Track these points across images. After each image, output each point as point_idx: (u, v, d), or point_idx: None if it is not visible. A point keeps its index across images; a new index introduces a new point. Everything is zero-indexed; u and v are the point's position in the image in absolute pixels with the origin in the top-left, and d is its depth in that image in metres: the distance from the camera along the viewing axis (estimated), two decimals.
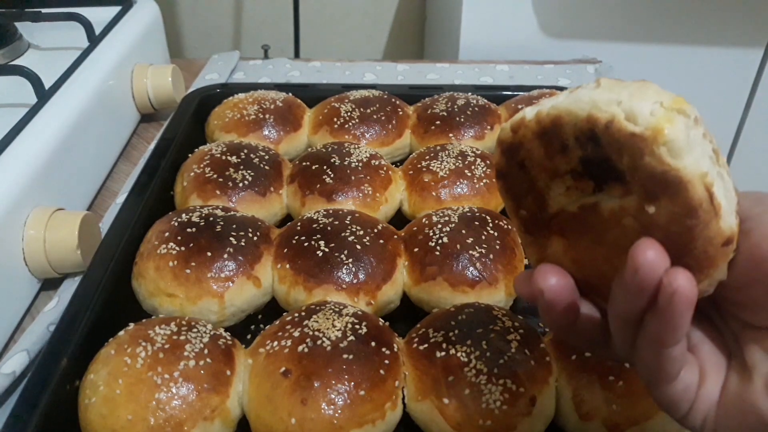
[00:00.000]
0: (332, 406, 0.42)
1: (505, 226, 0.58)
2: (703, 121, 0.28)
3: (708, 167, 0.27)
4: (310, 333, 0.46)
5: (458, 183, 0.64)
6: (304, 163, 0.66)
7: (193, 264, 0.52)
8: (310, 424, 0.42)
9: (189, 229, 0.54)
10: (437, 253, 0.54)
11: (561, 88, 0.80)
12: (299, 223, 0.57)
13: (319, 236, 0.55)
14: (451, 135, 0.72)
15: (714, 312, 0.32)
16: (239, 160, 0.64)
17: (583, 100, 0.28)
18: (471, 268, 0.53)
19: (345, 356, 0.44)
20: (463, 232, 0.55)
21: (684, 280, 0.26)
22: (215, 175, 0.63)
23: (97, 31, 0.79)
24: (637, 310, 0.28)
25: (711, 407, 0.31)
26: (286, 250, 0.55)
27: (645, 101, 0.27)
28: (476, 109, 0.75)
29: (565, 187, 0.30)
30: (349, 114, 0.73)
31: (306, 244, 0.54)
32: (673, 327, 0.27)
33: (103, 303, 0.50)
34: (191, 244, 0.53)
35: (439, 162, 0.65)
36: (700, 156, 0.27)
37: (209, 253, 0.53)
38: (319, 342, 0.45)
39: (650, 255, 0.26)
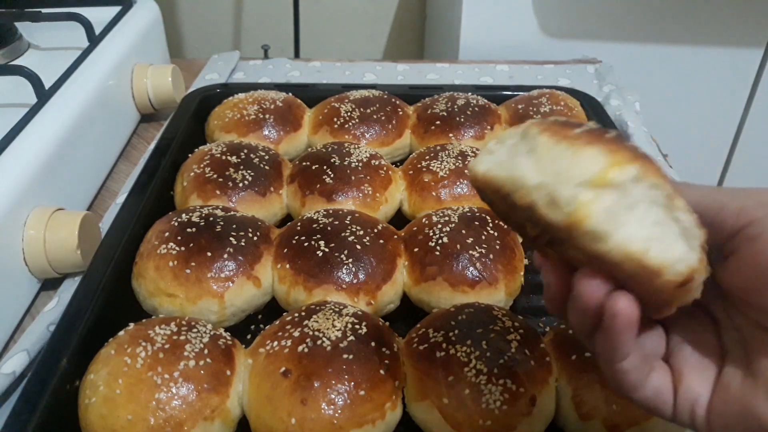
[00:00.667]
0: (332, 406, 0.42)
1: (505, 226, 0.58)
2: (650, 169, 0.27)
3: (645, 233, 0.27)
4: (310, 333, 0.46)
5: (458, 183, 0.64)
6: (304, 163, 0.66)
7: (193, 264, 0.52)
8: (310, 424, 0.42)
9: (189, 229, 0.54)
10: (437, 253, 0.54)
11: (561, 88, 0.80)
12: (299, 223, 0.57)
13: (319, 236, 0.55)
14: (451, 135, 0.72)
15: (720, 307, 0.32)
16: (239, 160, 0.64)
17: (515, 172, 0.28)
18: (471, 268, 0.53)
19: (345, 356, 0.44)
20: (463, 232, 0.55)
21: (624, 304, 0.28)
22: (215, 175, 0.63)
23: (97, 31, 0.79)
24: (588, 327, 0.30)
25: (696, 403, 0.31)
26: (286, 250, 0.55)
27: (568, 183, 0.27)
28: (476, 109, 0.75)
29: (531, 225, 0.30)
30: (349, 114, 0.73)
31: (306, 244, 0.54)
32: (617, 345, 0.29)
33: (103, 303, 0.50)
34: (191, 244, 0.53)
35: (439, 162, 0.65)
36: (636, 224, 0.27)
37: (209, 253, 0.53)
38: (319, 342, 0.45)
39: (589, 284, 0.28)
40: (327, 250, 0.54)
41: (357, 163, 0.64)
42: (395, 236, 0.58)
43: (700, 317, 0.33)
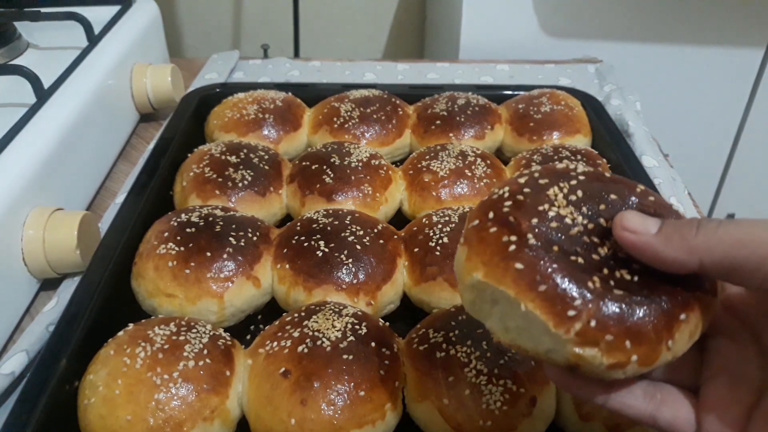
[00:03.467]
0: (332, 407, 0.42)
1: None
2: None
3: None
4: (310, 333, 0.46)
5: (458, 183, 0.63)
6: (303, 163, 0.66)
7: (192, 264, 0.52)
8: (310, 424, 0.42)
9: (188, 229, 0.54)
10: (437, 253, 0.54)
11: (561, 88, 0.80)
12: (299, 223, 0.57)
13: (318, 236, 0.55)
14: (451, 135, 0.72)
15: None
16: (239, 160, 0.64)
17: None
18: None
19: (345, 357, 0.44)
20: None
21: (548, 373, 0.33)
22: (215, 175, 0.62)
23: (97, 31, 0.79)
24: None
25: (727, 426, 0.30)
26: (285, 251, 0.55)
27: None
28: (476, 108, 0.75)
29: None
30: (349, 114, 0.73)
31: (306, 244, 0.54)
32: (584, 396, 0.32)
33: (103, 303, 0.50)
34: (191, 244, 0.53)
35: (439, 162, 0.65)
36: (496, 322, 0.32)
37: (209, 254, 0.53)
38: (318, 342, 0.45)
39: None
40: (327, 250, 0.54)
41: (357, 163, 0.64)
42: (395, 236, 0.58)
43: (748, 346, 0.32)
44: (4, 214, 0.54)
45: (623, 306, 0.29)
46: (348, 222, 0.56)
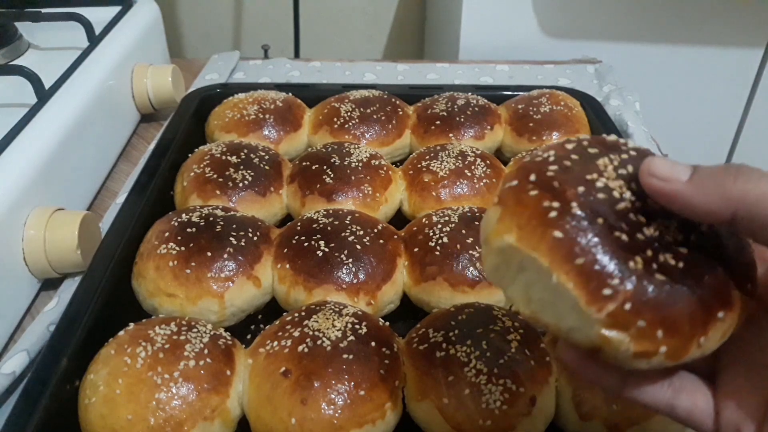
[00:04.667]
0: (332, 406, 0.42)
1: None
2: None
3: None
4: (310, 333, 0.46)
5: (458, 183, 0.64)
6: (304, 163, 0.66)
7: (193, 264, 0.52)
8: (310, 424, 0.42)
9: (189, 229, 0.54)
10: (437, 253, 0.54)
11: (561, 88, 0.80)
12: (299, 223, 0.57)
13: (319, 236, 0.55)
14: (451, 135, 0.72)
15: None
16: (239, 160, 0.64)
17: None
18: (471, 268, 0.53)
19: (345, 356, 0.44)
20: (463, 232, 0.55)
21: (560, 352, 0.31)
22: (215, 175, 0.63)
23: (97, 31, 0.79)
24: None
25: (741, 428, 0.29)
26: (286, 250, 0.55)
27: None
28: (476, 109, 0.75)
29: None
30: (349, 114, 0.73)
31: (306, 244, 0.54)
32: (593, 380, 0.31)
33: (103, 303, 0.50)
34: (191, 244, 0.53)
35: (439, 162, 0.65)
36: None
37: (209, 253, 0.53)
38: (319, 342, 0.45)
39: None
40: (327, 250, 0.54)
41: (357, 163, 0.64)
42: (395, 236, 0.58)
43: (766, 333, 0.30)
44: (5, 214, 0.54)
45: (662, 293, 0.27)
46: (348, 222, 0.56)
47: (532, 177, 0.29)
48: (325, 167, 0.64)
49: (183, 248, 0.53)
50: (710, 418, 0.30)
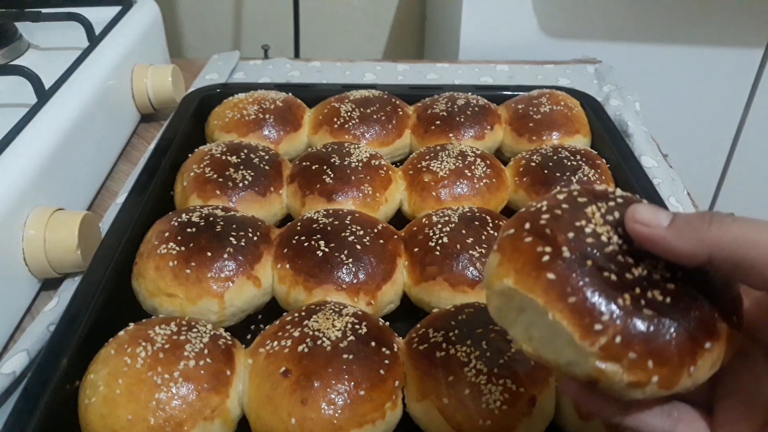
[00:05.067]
0: (332, 406, 0.42)
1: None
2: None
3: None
4: (310, 333, 0.46)
5: (458, 183, 0.64)
6: (304, 163, 0.66)
7: (193, 264, 0.52)
8: (310, 424, 0.42)
9: (189, 229, 0.54)
10: (437, 253, 0.54)
11: (561, 88, 0.80)
12: (299, 223, 0.57)
13: (319, 236, 0.55)
14: (451, 135, 0.72)
15: None
16: (239, 160, 0.64)
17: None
18: (471, 268, 0.53)
19: (345, 356, 0.44)
20: (463, 232, 0.55)
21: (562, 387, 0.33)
22: (215, 175, 0.63)
23: (97, 31, 0.79)
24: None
25: None
26: (286, 250, 0.55)
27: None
28: (476, 109, 0.75)
29: None
30: (349, 114, 0.73)
31: (306, 244, 0.54)
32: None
33: (103, 303, 0.50)
34: (191, 244, 0.53)
35: (439, 162, 0.65)
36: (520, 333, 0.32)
37: (209, 253, 0.53)
38: (319, 342, 0.45)
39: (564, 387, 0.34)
40: (327, 250, 0.54)
41: (357, 163, 0.64)
42: (395, 236, 0.58)
43: (759, 364, 0.32)
44: (5, 214, 0.54)
45: (650, 326, 0.29)
46: (348, 222, 0.56)
47: (527, 225, 0.32)
48: (325, 167, 0.64)
49: (183, 248, 0.53)
50: None
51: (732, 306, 0.32)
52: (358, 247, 0.54)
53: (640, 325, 0.29)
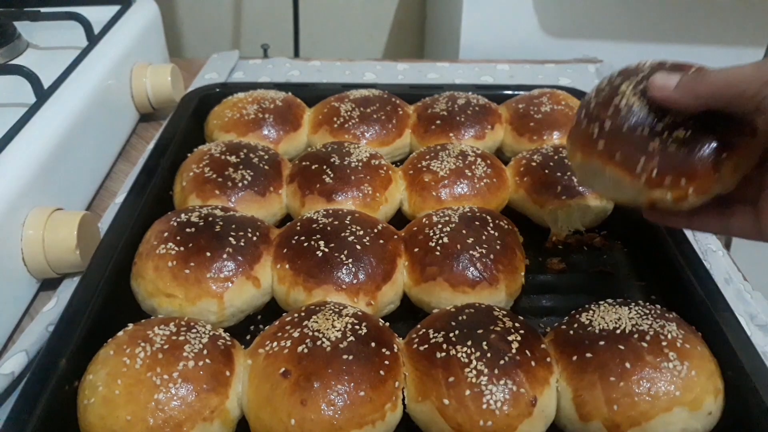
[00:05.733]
0: (332, 407, 0.42)
1: (506, 227, 0.57)
2: None
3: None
4: (310, 333, 0.46)
5: (458, 183, 0.63)
6: (303, 163, 0.65)
7: (192, 264, 0.52)
8: (310, 424, 0.42)
9: (188, 229, 0.54)
10: (437, 253, 0.54)
11: (562, 88, 0.80)
12: (299, 223, 0.57)
13: (318, 236, 0.55)
14: (451, 134, 0.72)
15: None
16: (239, 160, 0.64)
17: None
18: (471, 269, 0.53)
19: (345, 357, 0.44)
20: (464, 232, 0.55)
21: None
22: (214, 175, 0.62)
23: (96, 31, 0.79)
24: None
25: None
26: (285, 251, 0.55)
27: None
28: (477, 108, 0.74)
29: None
30: (349, 113, 0.73)
31: (306, 244, 0.54)
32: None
33: (102, 303, 0.50)
34: (190, 245, 0.53)
35: (440, 162, 0.65)
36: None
37: (208, 254, 0.53)
38: (318, 342, 0.45)
39: None
40: (327, 250, 0.53)
41: (357, 163, 0.64)
42: (395, 236, 0.58)
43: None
44: (4, 214, 0.53)
45: (676, 155, 0.42)
46: (348, 222, 0.56)
47: (582, 113, 0.47)
48: (324, 167, 0.64)
49: (182, 248, 0.53)
50: (755, 229, 0.43)
51: (741, 125, 0.42)
52: (358, 247, 0.54)
53: (667, 157, 0.42)
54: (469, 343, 0.45)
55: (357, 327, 0.47)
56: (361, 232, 0.55)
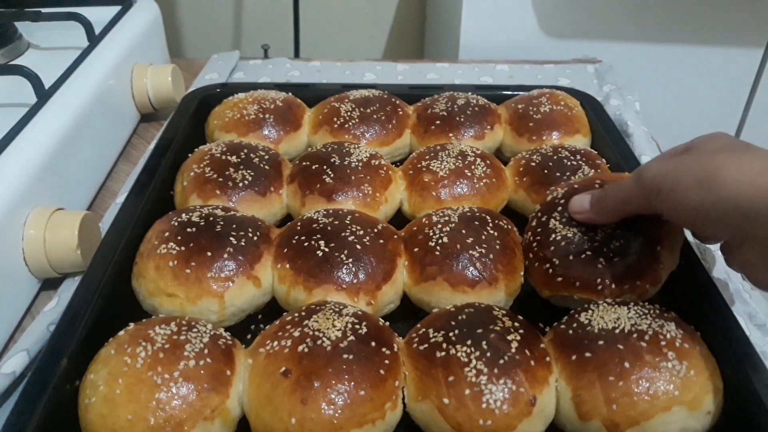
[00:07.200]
0: (332, 406, 0.42)
1: (505, 226, 0.58)
2: None
3: None
4: (310, 333, 0.46)
5: (458, 183, 0.63)
6: (304, 163, 0.66)
7: (193, 264, 0.52)
8: (310, 424, 0.42)
9: (189, 229, 0.54)
10: (437, 253, 0.54)
11: (561, 88, 0.80)
12: (299, 223, 0.57)
13: (319, 236, 0.55)
14: (451, 135, 0.72)
15: None
16: (239, 160, 0.64)
17: None
18: (471, 268, 0.53)
19: (345, 356, 0.44)
20: (463, 231, 0.55)
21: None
22: (215, 175, 0.63)
23: (97, 31, 0.79)
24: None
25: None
26: (286, 250, 0.55)
27: None
28: (476, 108, 0.75)
29: None
30: (349, 114, 0.73)
31: (306, 244, 0.54)
32: None
33: (103, 303, 0.50)
34: (191, 244, 0.53)
35: (439, 162, 0.65)
36: None
37: (209, 253, 0.53)
38: (319, 342, 0.45)
39: None
40: (327, 250, 0.54)
41: (357, 163, 0.64)
42: (395, 236, 0.58)
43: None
44: (5, 213, 0.54)
45: (621, 267, 0.50)
46: (348, 222, 0.56)
47: (530, 255, 0.56)
48: (325, 167, 0.64)
49: (183, 248, 0.53)
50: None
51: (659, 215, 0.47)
52: (358, 247, 0.54)
53: (616, 270, 0.50)
54: (469, 342, 0.45)
55: (357, 326, 0.47)
56: (361, 232, 0.55)
